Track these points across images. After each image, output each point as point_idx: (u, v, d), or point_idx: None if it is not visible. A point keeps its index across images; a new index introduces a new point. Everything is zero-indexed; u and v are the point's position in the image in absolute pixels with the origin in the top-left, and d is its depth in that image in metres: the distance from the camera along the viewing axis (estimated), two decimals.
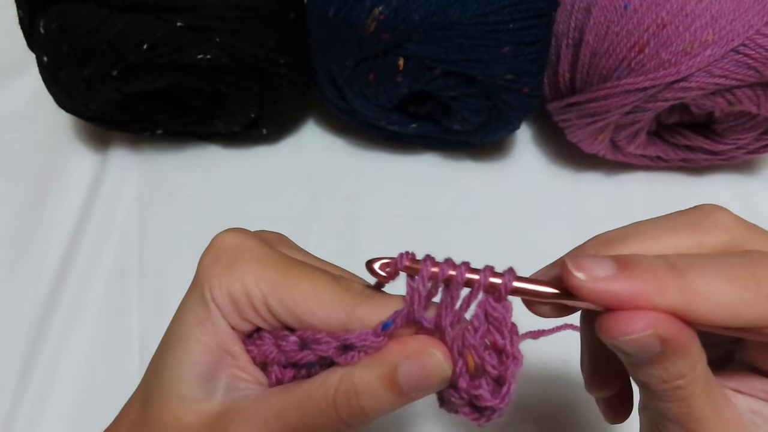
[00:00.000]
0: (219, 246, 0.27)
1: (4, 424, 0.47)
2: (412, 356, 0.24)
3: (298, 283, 0.26)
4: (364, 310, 0.25)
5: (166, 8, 0.46)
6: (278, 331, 0.27)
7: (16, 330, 0.50)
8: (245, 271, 0.26)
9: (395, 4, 0.45)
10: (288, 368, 0.27)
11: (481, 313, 0.24)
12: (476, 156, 0.60)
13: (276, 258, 0.27)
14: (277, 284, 0.25)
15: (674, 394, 0.23)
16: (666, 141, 0.56)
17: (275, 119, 0.58)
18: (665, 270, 0.22)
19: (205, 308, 0.26)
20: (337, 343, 0.25)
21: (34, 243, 0.55)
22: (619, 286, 0.22)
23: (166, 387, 0.26)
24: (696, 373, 0.23)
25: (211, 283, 0.26)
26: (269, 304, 0.26)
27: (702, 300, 0.22)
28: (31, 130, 0.61)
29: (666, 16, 0.45)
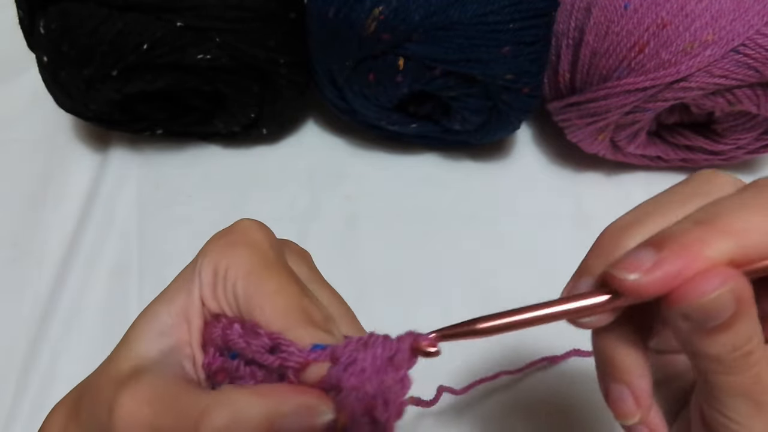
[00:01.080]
0: (232, 228, 0.28)
1: (4, 424, 0.47)
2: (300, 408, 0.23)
3: (267, 281, 0.26)
4: (298, 334, 0.24)
5: (166, 8, 0.46)
6: (232, 317, 0.26)
7: (16, 330, 0.50)
8: (235, 254, 0.26)
9: (395, 4, 0.45)
10: (219, 356, 0.26)
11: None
12: (476, 156, 0.60)
13: (266, 254, 0.27)
14: (251, 273, 0.26)
15: (744, 362, 0.23)
16: (666, 141, 0.56)
17: (275, 119, 0.58)
18: (698, 228, 0.23)
19: (191, 276, 0.27)
20: (270, 341, 0.24)
21: (34, 243, 0.55)
22: (671, 265, 0.22)
23: (127, 335, 0.27)
24: (760, 337, 0.23)
25: (204, 255, 0.27)
26: (236, 289, 0.26)
27: (748, 235, 0.22)
28: (31, 130, 0.61)
29: (666, 16, 0.45)
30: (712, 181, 0.26)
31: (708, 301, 0.22)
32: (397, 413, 0.23)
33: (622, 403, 0.27)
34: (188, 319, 0.27)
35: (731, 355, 0.23)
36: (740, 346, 0.23)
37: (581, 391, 0.47)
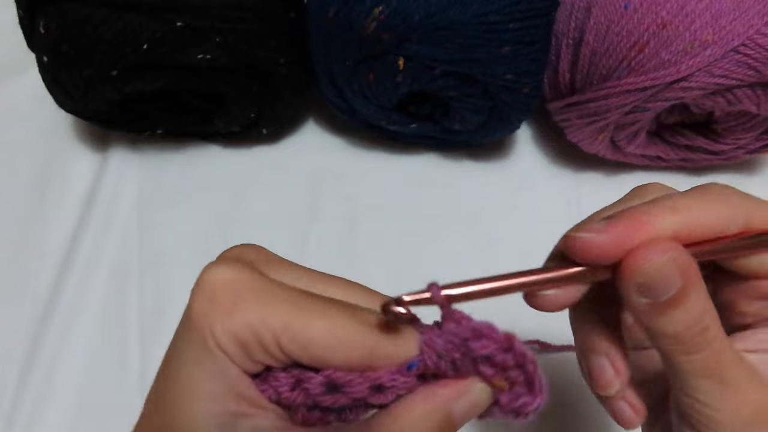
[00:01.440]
0: (212, 286, 0.24)
1: (4, 424, 0.47)
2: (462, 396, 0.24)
3: (313, 321, 0.24)
4: (389, 346, 0.24)
5: (166, 8, 0.46)
6: (298, 371, 0.25)
7: (16, 330, 0.50)
8: (250, 312, 0.23)
9: (395, 4, 0.45)
10: (314, 411, 0.25)
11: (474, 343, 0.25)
12: (476, 156, 0.60)
13: (280, 292, 0.25)
14: (288, 323, 0.23)
15: (702, 338, 0.24)
16: (666, 141, 0.56)
17: (275, 119, 0.58)
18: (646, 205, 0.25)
19: (210, 357, 0.24)
20: (368, 383, 0.24)
21: (34, 243, 0.55)
22: (618, 228, 0.24)
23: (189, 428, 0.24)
24: (712, 314, 0.24)
25: (213, 329, 0.24)
26: (282, 345, 0.24)
27: (693, 213, 0.24)
28: (31, 130, 0.61)
29: (666, 16, 0.45)
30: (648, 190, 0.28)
31: (652, 269, 0.23)
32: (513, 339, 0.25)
33: (601, 372, 0.28)
34: (243, 396, 0.25)
35: (688, 333, 0.24)
36: (695, 322, 0.24)
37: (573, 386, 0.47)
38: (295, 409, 0.25)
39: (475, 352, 0.24)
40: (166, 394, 0.25)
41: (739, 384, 0.24)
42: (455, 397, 0.24)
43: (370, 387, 0.24)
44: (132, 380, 0.49)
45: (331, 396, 0.24)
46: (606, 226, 0.24)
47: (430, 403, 0.24)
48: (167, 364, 0.26)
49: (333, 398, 0.24)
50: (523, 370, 0.25)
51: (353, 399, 0.24)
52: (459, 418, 0.24)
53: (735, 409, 0.24)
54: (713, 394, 0.24)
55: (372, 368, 0.24)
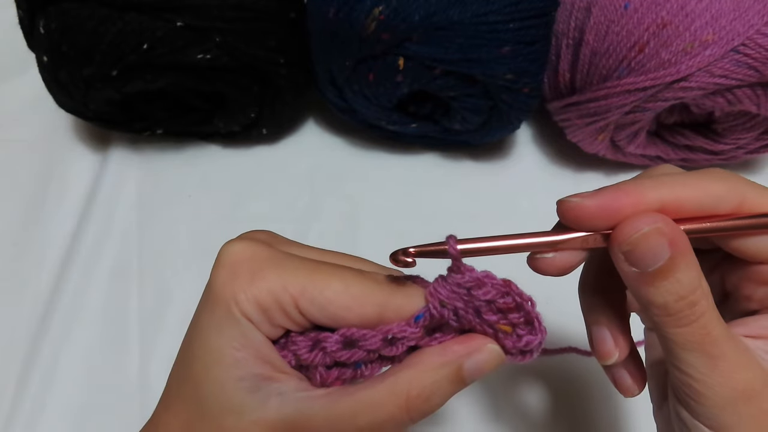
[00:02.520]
0: (232, 260, 0.27)
1: (4, 424, 0.47)
2: (474, 353, 0.26)
3: (329, 282, 0.26)
4: (398, 300, 0.27)
5: (166, 8, 0.46)
6: (315, 333, 0.27)
7: (16, 329, 0.50)
8: (270, 279, 0.26)
9: (395, 4, 0.45)
10: (332, 369, 0.28)
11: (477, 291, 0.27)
12: (476, 156, 0.60)
13: (296, 261, 0.27)
14: (306, 286, 0.26)
15: (691, 312, 0.24)
16: (666, 141, 0.56)
17: (275, 119, 0.58)
18: (638, 178, 0.26)
19: (236, 325, 0.26)
20: (381, 336, 0.26)
21: (34, 242, 0.55)
22: (607, 195, 0.25)
23: (216, 409, 0.26)
24: (705, 288, 0.24)
25: (237, 298, 0.26)
26: (301, 307, 0.26)
27: (683, 188, 0.25)
28: (31, 130, 0.61)
29: (666, 16, 0.45)
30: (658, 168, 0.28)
31: (638, 238, 0.24)
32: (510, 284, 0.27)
33: (602, 343, 0.29)
34: (268, 360, 0.27)
35: (677, 305, 0.24)
36: (684, 295, 0.24)
37: (576, 387, 0.47)
38: (314, 369, 0.27)
39: (477, 299, 0.27)
40: (192, 366, 0.27)
41: (727, 360, 0.24)
42: (467, 354, 0.26)
43: (382, 339, 0.26)
44: (132, 380, 0.49)
45: (347, 351, 0.26)
46: (594, 192, 0.25)
47: (444, 356, 0.26)
48: (191, 338, 0.27)
49: (350, 353, 0.27)
50: (523, 311, 0.27)
51: (368, 351, 0.27)
52: (469, 375, 0.26)
53: (721, 384, 0.24)
54: (701, 368, 0.25)
55: (383, 323, 0.26)
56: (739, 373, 0.24)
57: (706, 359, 0.24)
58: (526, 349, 0.27)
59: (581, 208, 0.25)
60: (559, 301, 0.35)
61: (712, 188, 0.25)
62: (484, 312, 0.27)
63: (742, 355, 0.25)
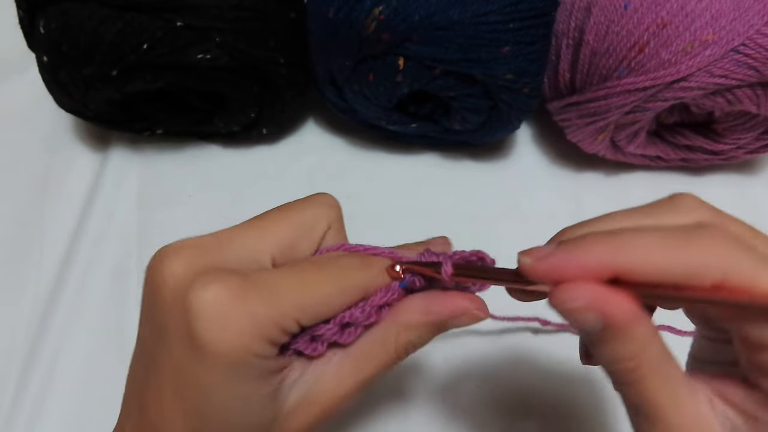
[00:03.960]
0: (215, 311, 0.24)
1: (4, 424, 0.47)
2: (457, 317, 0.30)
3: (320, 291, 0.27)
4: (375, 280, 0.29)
5: (166, 8, 0.46)
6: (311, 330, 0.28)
7: (16, 330, 0.50)
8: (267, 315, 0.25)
9: (395, 4, 0.45)
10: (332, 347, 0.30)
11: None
12: (476, 156, 0.60)
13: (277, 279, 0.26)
14: (302, 304, 0.26)
15: (627, 376, 0.24)
16: (666, 141, 0.56)
17: (275, 119, 0.58)
18: (598, 238, 0.24)
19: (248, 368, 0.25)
20: (370, 308, 0.29)
21: (33, 243, 0.55)
22: (556, 259, 0.24)
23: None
24: (647, 355, 0.24)
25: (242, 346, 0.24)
26: (300, 321, 0.27)
27: (630, 252, 0.23)
28: (31, 130, 0.61)
29: (666, 16, 0.45)
30: (675, 200, 0.26)
31: (568, 309, 0.23)
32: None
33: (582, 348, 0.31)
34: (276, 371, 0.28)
35: (612, 367, 0.24)
36: (619, 360, 0.24)
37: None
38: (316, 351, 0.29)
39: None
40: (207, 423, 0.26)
41: (665, 425, 0.24)
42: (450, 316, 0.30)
43: (376, 309, 0.29)
44: None
45: (346, 332, 0.29)
46: (544, 256, 0.24)
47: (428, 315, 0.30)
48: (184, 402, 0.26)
49: (348, 333, 0.29)
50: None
51: (366, 326, 0.29)
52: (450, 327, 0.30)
53: None
54: (640, 427, 0.25)
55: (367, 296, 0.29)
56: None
57: (646, 422, 0.24)
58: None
59: (531, 272, 0.25)
60: None
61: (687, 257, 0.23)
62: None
63: (685, 423, 0.24)
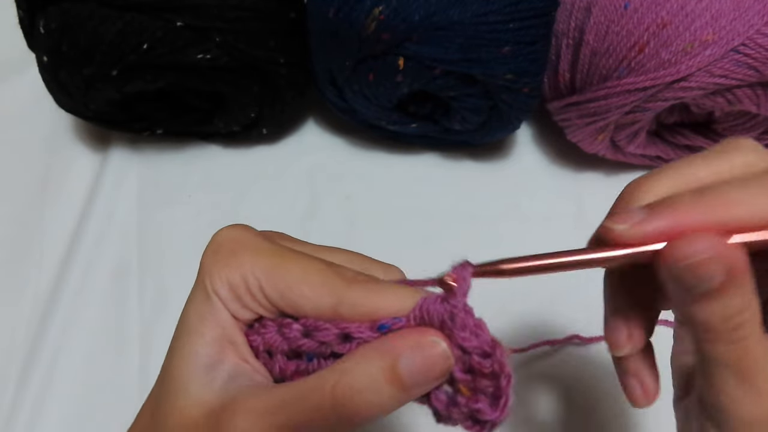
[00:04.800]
0: (219, 240, 0.28)
1: (4, 424, 0.47)
2: (414, 347, 0.24)
3: (290, 268, 0.26)
4: (355, 294, 0.25)
5: (166, 8, 0.46)
6: (281, 319, 0.27)
7: (16, 330, 0.50)
8: (243, 261, 0.26)
9: (395, 4, 0.45)
10: (291, 360, 0.27)
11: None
12: (476, 156, 0.60)
13: (271, 247, 0.27)
14: (270, 270, 0.26)
15: (734, 333, 0.23)
16: (666, 141, 0.56)
17: (275, 119, 0.58)
18: (691, 196, 0.24)
19: (207, 300, 0.27)
20: (337, 331, 0.25)
21: (33, 243, 0.55)
22: (658, 222, 0.23)
23: (173, 384, 0.27)
24: (753, 311, 0.24)
25: (211, 275, 0.27)
26: (264, 290, 0.26)
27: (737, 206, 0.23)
28: (31, 130, 0.61)
29: (666, 16, 0.45)
30: (734, 142, 0.26)
31: (693, 264, 0.23)
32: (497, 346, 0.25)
33: (614, 332, 0.28)
34: (230, 341, 0.27)
35: (721, 325, 0.24)
36: (730, 316, 0.23)
37: (581, 376, 0.47)
38: (275, 357, 0.27)
39: (456, 338, 0.24)
40: (172, 342, 0.28)
41: (762, 383, 0.24)
42: (405, 347, 0.24)
43: (337, 335, 0.25)
44: (132, 379, 0.49)
45: (306, 340, 0.26)
46: (643, 219, 0.24)
47: (380, 348, 0.24)
48: (179, 318, 0.28)
49: (307, 342, 0.26)
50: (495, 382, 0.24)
51: (320, 343, 0.26)
52: (408, 372, 0.23)
53: (750, 404, 0.24)
54: (732, 385, 0.24)
55: (339, 317, 0.25)
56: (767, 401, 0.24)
57: (740, 379, 0.24)
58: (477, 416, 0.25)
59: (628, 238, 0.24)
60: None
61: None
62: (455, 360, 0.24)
63: None
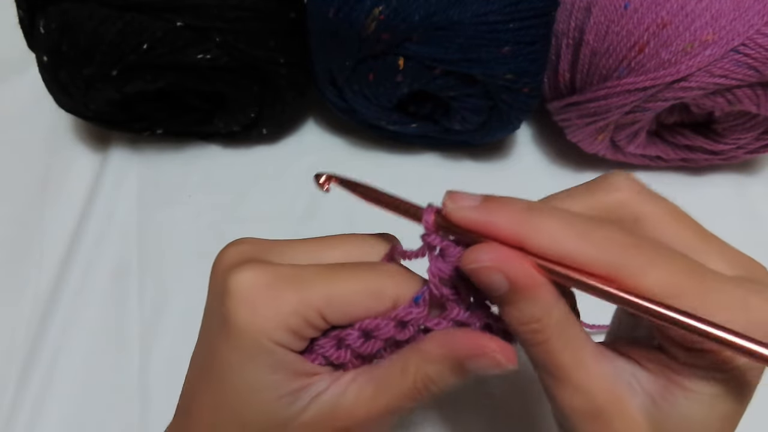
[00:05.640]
0: (247, 292, 0.26)
1: (4, 424, 0.47)
2: (477, 357, 0.27)
3: (349, 287, 0.27)
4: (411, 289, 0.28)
5: (166, 8, 0.46)
6: (333, 332, 0.28)
7: (16, 330, 0.50)
8: (292, 302, 0.26)
9: (395, 4, 0.45)
10: (357, 359, 0.29)
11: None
12: (476, 156, 0.60)
13: (308, 272, 0.27)
14: (329, 297, 0.27)
15: (533, 337, 0.25)
16: (666, 141, 0.56)
17: (275, 119, 0.58)
18: (521, 206, 0.26)
19: (268, 354, 0.26)
20: (393, 323, 0.28)
21: (33, 243, 0.55)
22: (476, 214, 0.26)
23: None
24: (551, 319, 0.25)
25: (266, 330, 0.26)
26: (326, 316, 0.27)
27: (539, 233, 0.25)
28: (31, 130, 0.61)
29: (666, 16, 0.45)
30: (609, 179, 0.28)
31: (474, 269, 0.25)
32: None
33: None
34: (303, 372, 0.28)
35: (518, 328, 0.26)
36: (525, 322, 0.25)
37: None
38: (346, 365, 0.29)
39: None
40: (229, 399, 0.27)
41: (569, 384, 0.26)
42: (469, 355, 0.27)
43: (395, 325, 0.28)
44: (132, 380, 0.49)
45: (368, 343, 0.28)
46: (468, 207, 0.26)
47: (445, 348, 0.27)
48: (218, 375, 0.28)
49: (370, 345, 0.28)
50: None
51: (384, 340, 0.28)
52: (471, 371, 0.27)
53: (560, 401, 0.26)
54: (545, 382, 0.27)
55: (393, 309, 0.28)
56: (579, 397, 0.26)
57: (552, 379, 0.26)
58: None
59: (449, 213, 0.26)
60: None
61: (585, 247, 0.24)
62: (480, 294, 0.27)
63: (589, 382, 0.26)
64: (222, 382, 0.27)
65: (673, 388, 0.25)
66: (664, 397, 0.26)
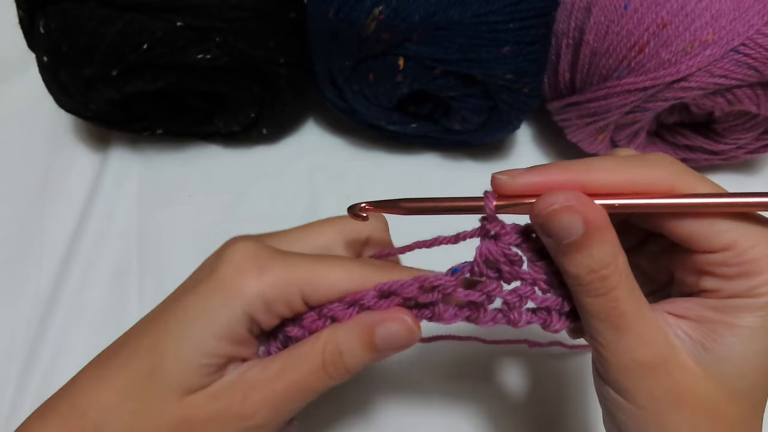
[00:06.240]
0: (239, 257, 0.29)
1: (4, 424, 0.47)
2: (387, 321, 0.28)
3: (331, 269, 0.29)
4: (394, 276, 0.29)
5: (166, 8, 0.46)
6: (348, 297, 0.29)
7: (16, 330, 0.50)
8: (275, 275, 0.28)
9: (395, 4, 0.45)
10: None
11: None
12: (476, 156, 0.60)
13: (297, 256, 0.30)
14: (310, 277, 0.28)
15: (601, 285, 0.26)
16: (666, 141, 0.56)
17: (275, 119, 0.58)
18: (564, 162, 0.27)
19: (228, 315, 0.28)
20: (418, 285, 0.29)
21: (34, 243, 0.55)
22: (532, 176, 0.27)
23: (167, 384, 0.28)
24: (619, 265, 0.26)
25: (243, 292, 0.28)
26: (306, 295, 0.28)
27: (598, 172, 0.27)
28: (31, 130, 0.61)
29: (666, 16, 0.45)
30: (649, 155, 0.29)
31: (550, 213, 0.26)
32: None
33: None
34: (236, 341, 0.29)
35: (588, 277, 0.26)
36: (596, 269, 0.26)
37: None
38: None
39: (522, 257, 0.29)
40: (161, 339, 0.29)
41: (632, 334, 0.26)
42: (381, 321, 0.29)
43: (419, 287, 0.29)
44: None
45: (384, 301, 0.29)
46: (524, 171, 0.27)
47: (360, 320, 0.29)
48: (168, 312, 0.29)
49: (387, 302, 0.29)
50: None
51: (405, 299, 0.29)
52: (381, 342, 0.29)
53: (623, 353, 0.26)
54: (607, 336, 0.27)
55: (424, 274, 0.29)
56: (642, 346, 0.26)
57: (613, 330, 0.26)
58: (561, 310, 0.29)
59: (508, 186, 0.27)
60: None
61: (641, 173, 0.27)
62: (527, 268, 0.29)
63: (649, 331, 0.27)
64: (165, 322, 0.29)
65: (721, 329, 0.26)
66: (713, 339, 0.26)
